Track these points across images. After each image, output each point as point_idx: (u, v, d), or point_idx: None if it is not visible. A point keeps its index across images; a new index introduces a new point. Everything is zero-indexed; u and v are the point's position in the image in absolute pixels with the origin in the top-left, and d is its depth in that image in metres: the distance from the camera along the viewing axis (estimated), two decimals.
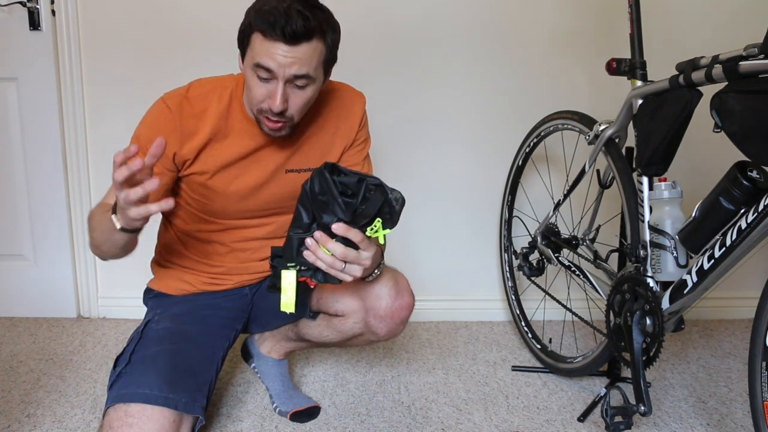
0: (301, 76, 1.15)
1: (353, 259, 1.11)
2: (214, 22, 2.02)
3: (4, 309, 2.18)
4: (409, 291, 1.38)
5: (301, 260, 1.13)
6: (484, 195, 2.16)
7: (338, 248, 1.09)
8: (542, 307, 2.03)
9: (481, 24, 2.05)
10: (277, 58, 1.12)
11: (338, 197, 1.07)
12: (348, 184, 1.08)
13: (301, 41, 1.12)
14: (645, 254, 1.40)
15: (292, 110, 1.20)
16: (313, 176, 1.10)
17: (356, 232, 1.09)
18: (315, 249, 1.10)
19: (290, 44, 1.12)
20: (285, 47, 1.12)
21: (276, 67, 1.13)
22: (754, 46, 1.12)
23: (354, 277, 1.14)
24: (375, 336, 1.39)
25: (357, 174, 1.09)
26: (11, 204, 2.12)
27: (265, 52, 1.13)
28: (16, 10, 1.99)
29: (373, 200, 1.07)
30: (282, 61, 1.12)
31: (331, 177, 1.07)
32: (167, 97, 1.28)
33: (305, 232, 1.11)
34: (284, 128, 1.24)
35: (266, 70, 1.14)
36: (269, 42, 1.12)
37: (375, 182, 1.08)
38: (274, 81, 1.16)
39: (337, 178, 1.08)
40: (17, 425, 1.50)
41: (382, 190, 1.08)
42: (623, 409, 1.33)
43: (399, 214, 1.10)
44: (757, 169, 1.19)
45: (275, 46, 1.12)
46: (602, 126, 1.56)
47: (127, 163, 0.99)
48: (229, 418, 1.55)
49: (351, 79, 1.45)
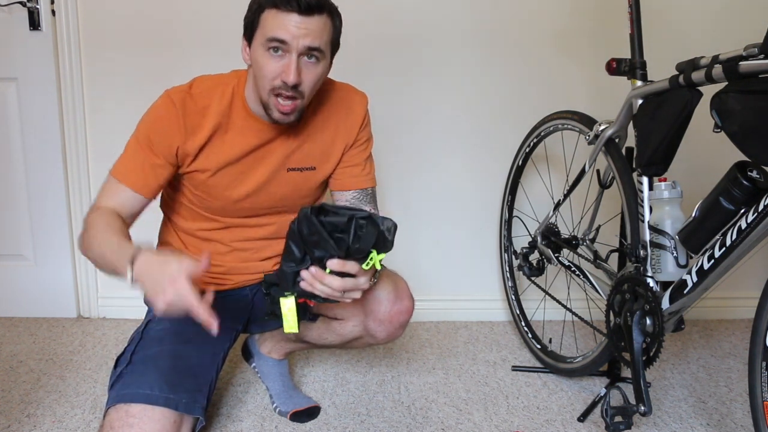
0: (314, 48, 1.17)
1: (351, 287, 1.09)
2: (215, 22, 2.02)
3: (4, 309, 2.18)
4: (409, 295, 1.38)
5: (299, 290, 1.10)
6: (484, 195, 2.16)
7: (335, 282, 1.06)
8: (542, 307, 2.03)
9: (481, 24, 2.05)
10: (290, 29, 1.14)
11: (329, 239, 1.03)
12: (337, 224, 1.04)
13: (314, 13, 1.14)
14: (645, 254, 1.41)
15: (304, 86, 1.20)
16: (300, 219, 1.06)
17: (352, 265, 1.06)
18: (312, 282, 1.07)
19: (304, 14, 1.13)
20: (298, 18, 1.13)
21: (290, 38, 1.14)
22: (754, 46, 1.12)
23: (353, 299, 1.12)
24: (374, 339, 1.39)
25: (345, 210, 1.05)
26: (11, 204, 2.12)
27: (278, 25, 1.14)
28: (16, 10, 1.99)
29: (366, 236, 1.03)
30: (295, 32, 1.14)
31: (318, 219, 1.04)
32: (171, 92, 1.28)
33: (298, 265, 1.08)
34: (294, 111, 1.22)
35: (280, 42, 1.15)
36: (283, 14, 1.14)
37: (364, 216, 1.04)
38: (287, 55, 1.17)
39: (325, 219, 1.04)
40: (17, 425, 1.50)
41: (373, 222, 1.04)
42: (623, 409, 1.33)
43: (392, 241, 1.06)
44: (757, 169, 1.19)
45: (289, 18, 1.13)
46: (602, 126, 1.56)
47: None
48: (229, 418, 1.55)
49: (351, 79, 1.45)
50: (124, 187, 1.26)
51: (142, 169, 1.26)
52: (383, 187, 2.11)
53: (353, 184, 1.42)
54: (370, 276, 1.14)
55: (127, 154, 1.28)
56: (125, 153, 1.29)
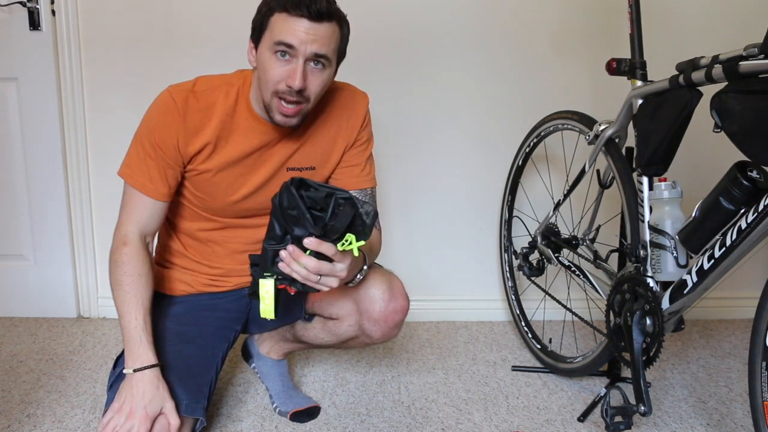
0: (321, 55, 1.17)
1: (328, 271, 1.11)
2: (215, 22, 2.02)
3: (4, 309, 2.18)
4: (404, 294, 1.38)
5: (277, 270, 1.12)
6: (484, 195, 2.16)
7: (311, 263, 1.09)
8: (542, 307, 2.03)
9: (481, 24, 2.05)
10: (299, 35, 1.14)
11: (306, 212, 1.05)
12: (316, 199, 1.06)
13: (323, 20, 1.15)
14: (645, 254, 1.40)
15: (309, 91, 1.20)
16: (282, 191, 1.08)
17: (328, 246, 1.08)
18: (289, 261, 1.10)
19: (314, 21, 1.14)
20: (308, 24, 1.14)
21: (298, 43, 1.15)
22: (754, 46, 1.12)
23: (330, 287, 1.14)
24: (369, 339, 1.39)
25: (326, 188, 1.07)
26: (11, 204, 2.12)
27: (287, 29, 1.15)
28: (16, 10, 1.99)
29: (342, 215, 1.06)
30: (304, 37, 1.14)
31: (298, 192, 1.05)
32: (173, 90, 1.27)
33: (279, 244, 1.11)
34: (297, 115, 1.23)
35: (288, 46, 1.15)
36: (293, 18, 1.14)
37: (344, 196, 1.06)
38: (294, 60, 1.17)
39: (305, 193, 1.06)
40: (17, 425, 1.50)
41: (351, 203, 1.06)
42: (623, 409, 1.33)
43: (371, 227, 1.09)
44: (757, 169, 1.19)
45: (299, 23, 1.14)
46: (602, 126, 1.56)
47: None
48: (229, 418, 1.55)
49: (352, 80, 1.45)
50: (143, 197, 1.28)
51: (153, 174, 1.27)
52: (383, 187, 2.11)
53: (353, 184, 1.42)
54: (350, 265, 1.15)
55: (134, 156, 1.29)
56: (133, 154, 1.29)
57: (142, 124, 1.29)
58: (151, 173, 1.27)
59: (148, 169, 1.27)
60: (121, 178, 1.29)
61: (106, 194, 2.13)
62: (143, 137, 1.27)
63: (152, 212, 1.29)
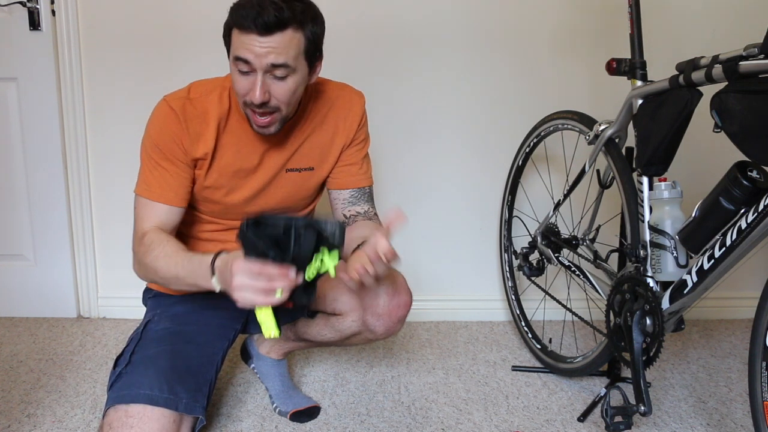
0: (278, 65, 1.16)
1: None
2: (215, 22, 2.00)
3: (4, 309, 2.18)
4: (407, 289, 1.38)
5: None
6: (483, 195, 2.16)
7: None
8: (542, 307, 2.03)
9: (480, 24, 2.05)
10: (253, 49, 1.14)
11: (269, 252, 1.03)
12: (275, 236, 1.04)
13: (273, 31, 1.13)
14: (645, 254, 1.40)
15: (276, 101, 1.20)
16: (239, 236, 1.05)
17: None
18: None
19: (263, 35, 1.13)
20: (259, 38, 1.13)
21: (252, 57, 1.15)
22: (754, 46, 1.12)
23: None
24: (373, 335, 1.39)
25: (284, 219, 1.04)
26: (11, 204, 2.12)
27: (241, 45, 1.15)
28: (16, 10, 1.99)
29: (305, 242, 1.04)
30: (258, 51, 1.14)
31: (255, 235, 1.03)
32: (170, 99, 1.28)
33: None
34: (272, 124, 1.23)
35: (244, 62, 1.16)
36: (244, 34, 1.14)
37: (303, 224, 1.04)
38: (253, 73, 1.17)
39: (264, 232, 1.03)
40: (17, 425, 1.50)
41: (312, 230, 1.04)
42: (623, 409, 1.33)
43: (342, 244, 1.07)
44: (757, 169, 1.19)
45: (250, 38, 1.14)
46: (602, 126, 1.56)
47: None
48: (229, 418, 1.55)
49: (349, 79, 1.45)
50: (157, 204, 1.27)
51: (168, 181, 1.27)
52: (383, 187, 2.11)
53: (350, 183, 1.42)
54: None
55: (146, 170, 1.29)
56: (144, 170, 1.29)
57: (145, 137, 1.29)
58: (167, 181, 1.27)
59: (164, 178, 1.27)
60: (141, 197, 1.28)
61: (107, 194, 2.13)
62: (149, 150, 1.28)
63: (170, 218, 1.29)
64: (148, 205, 1.28)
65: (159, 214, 1.28)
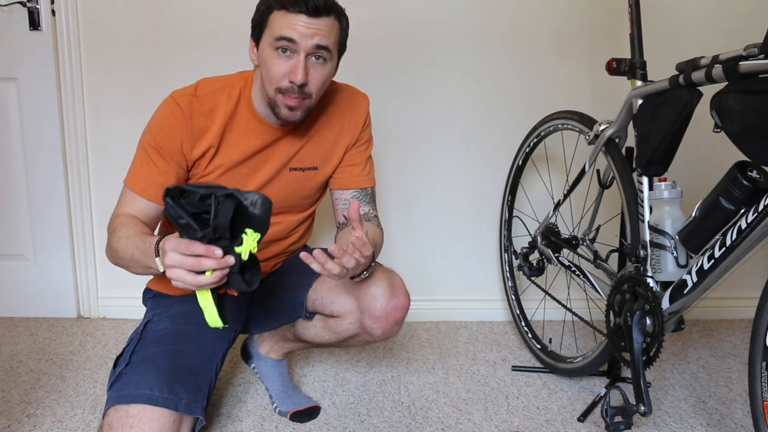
0: (322, 47, 1.19)
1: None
2: (215, 21, 2.02)
3: (4, 309, 2.18)
4: (404, 291, 1.38)
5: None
6: (484, 195, 2.16)
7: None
8: (542, 307, 2.03)
9: (481, 24, 2.05)
10: (299, 29, 1.17)
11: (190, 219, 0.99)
12: (194, 204, 1.00)
13: (321, 14, 1.17)
14: (645, 254, 1.40)
15: (311, 86, 1.22)
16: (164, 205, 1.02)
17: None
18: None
19: (312, 16, 1.17)
20: (307, 18, 1.16)
21: (299, 37, 1.17)
22: (754, 46, 1.12)
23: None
24: (370, 337, 1.39)
25: (203, 188, 1.00)
26: (11, 204, 2.12)
27: (287, 24, 1.17)
28: (16, 10, 1.99)
29: (223, 210, 0.99)
30: (304, 31, 1.17)
31: (174, 202, 0.99)
32: (177, 96, 1.28)
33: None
34: (300, 108, 1.24)
35: (288, 41, 1.17)
36: (292, 14, 1.16)
37: (224, 193, 1.00)
38: (295, 55, 1.19)
39: (184, 201, 1.00)
40: (17, 425, 1.50)
41: (232, 198, 0.99)
42: (623, 409, 1.33)
43: (265, 216, 1.01)
44: (757, 169, 1.19)
45: (298, 18, 1.16)
46: (602, 126, 1.56)
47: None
48: (229, 418, 1.55)
49: (352, 79, 1.45)
50: (138, 198, 1.27)
51: (154, 178, 1.27)
52: (384, 187, 2.11)
53: (353, 184, 1.42)
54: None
55: (137, 162, 1.29)
56: (136, 162, 1.29)
57: (146, 129, 1.29)
58: (154, 178, 1.27)
59: (151, 174, 1.27)
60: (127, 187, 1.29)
61: (107, 194, 2.13)
62: (146, 143, 1.28)
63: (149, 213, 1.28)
64: (130, 196, 1.28)
65: (138, 206, 1.28)
